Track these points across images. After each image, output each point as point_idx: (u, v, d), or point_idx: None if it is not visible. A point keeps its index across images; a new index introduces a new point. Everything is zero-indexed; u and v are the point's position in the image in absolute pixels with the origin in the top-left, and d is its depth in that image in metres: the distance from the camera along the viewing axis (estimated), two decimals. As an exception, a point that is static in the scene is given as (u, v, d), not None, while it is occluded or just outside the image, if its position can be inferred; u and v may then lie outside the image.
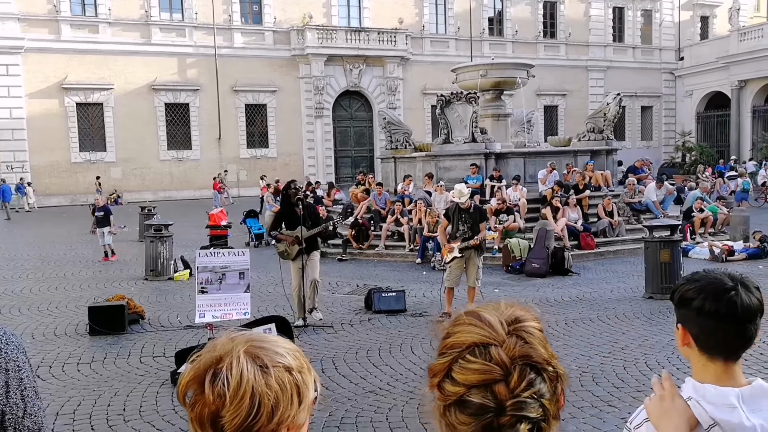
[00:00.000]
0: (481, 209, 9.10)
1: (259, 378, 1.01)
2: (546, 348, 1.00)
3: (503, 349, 0.96)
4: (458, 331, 1.02)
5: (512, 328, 0.99)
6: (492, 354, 0.96)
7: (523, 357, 0.96)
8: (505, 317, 1.01)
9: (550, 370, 0.98)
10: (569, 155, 17.36)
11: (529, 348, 0.97)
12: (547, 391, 0.96)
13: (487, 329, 0.99)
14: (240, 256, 7.72)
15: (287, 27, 33.11)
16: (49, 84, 29.20)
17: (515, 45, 37.70)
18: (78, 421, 5.38)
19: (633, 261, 12.58)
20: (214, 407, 1.01)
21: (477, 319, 1.02)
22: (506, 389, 0.94)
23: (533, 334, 1.00)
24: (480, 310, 1.04)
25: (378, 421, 5.24)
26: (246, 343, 1.05)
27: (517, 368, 0.95)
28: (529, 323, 1.01)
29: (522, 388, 0.94)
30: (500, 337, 0.98)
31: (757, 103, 35.05)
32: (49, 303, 10.00)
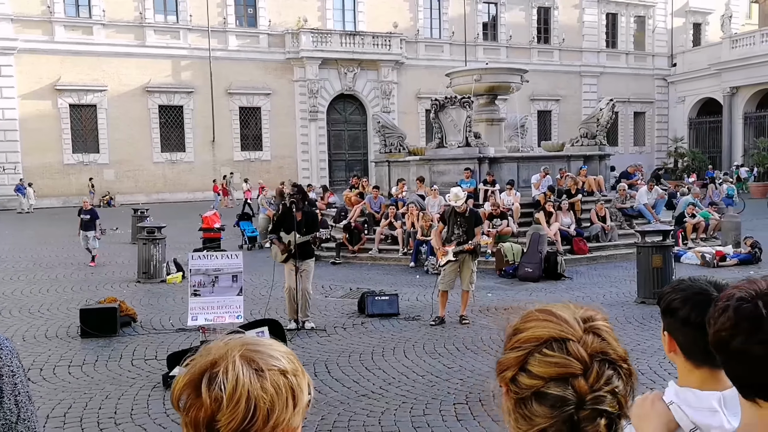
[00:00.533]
0: (476, 213, 9.11)
1: (255, 381, 1.01)
2: (619, 345, 1.03)
3: (581, 345, 0.99)
4: (532, 326, 1.03)
5: (588, 326, 1.02)
6: (571, 348, 0.98)
7: (601, 353, 0.99)
8: (579, 315, 1.04)
9: (624, 367, 1.01)
10: (562, 160, 17.43)
11: (606, 344, 1.00)
12: (622, 387, 0.99)
13: (564, 325, 1.02)
14: (233, 259, 7.70)
15: (282, 30, 33.12)
16: (42, 85, 29.09)
17: (509, 50, 37.85)
18: (69, 424, 5.35)
19: (625, 266, 12.62)
20: (210, 411, 1.01)
21: (551, 315, 1.04)
22: (586, 384, 0.97)
23: (607, 331, 1.03)
24: (552, 307, 1.07)
25: (370, 425, 5.23)
26: (241, 347, 1.05)
27: (595, 363, 0.98)
28: (600, 322, 1.04)
29: (602, 383, 0.97)
30: (577, 333, 1.00)
31: (748, 110, 35.31)
32: (41, 305, 9.94)
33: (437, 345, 7.49)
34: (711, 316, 1.20)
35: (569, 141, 18.82)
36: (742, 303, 1.15)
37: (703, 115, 39.08)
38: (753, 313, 1.12)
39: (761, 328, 1.10)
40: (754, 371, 1.13)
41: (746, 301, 1.15)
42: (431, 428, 5.15)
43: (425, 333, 8.10)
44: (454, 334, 7.95)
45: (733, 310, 1.15)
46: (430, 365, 6.75)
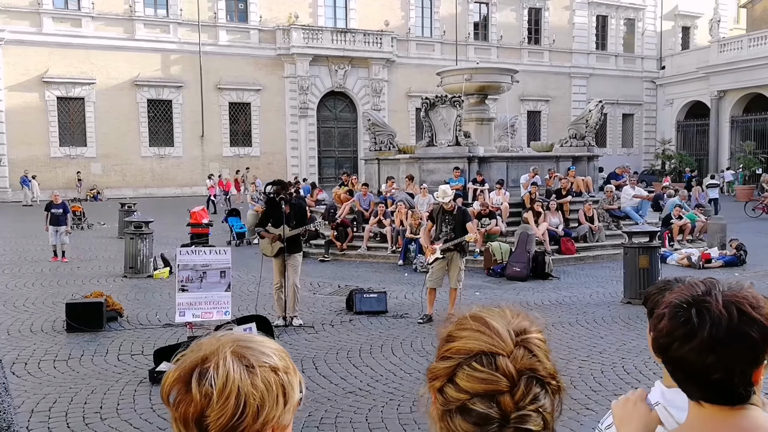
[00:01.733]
0: (464, 211, 9.11)
1: (245, 378, 1.01)
2: (549, 361, 1.00)
3: (511, 360, 0.96)
4: (464, 336, 1.00)
5: (520, 339, 0.98)
6: (499, 364, 0.95)
7: (530, 370, 0.96)
8: (513, 327, 1.00)
9: (553, 384, 0.98)
10: (551, 161, 17.52)
11: (536, 361, 0.97)
12: (549, 404, 0.97)
13: (495, 338, 0.98)
14: (221, 254, 7.68)
15: (273, 26, 33.00)
16: (29, 77, 28.80)
17: (500, 50, 37.96)
18: (53, 419, 5.31)
19: (612, 266, 12.72)
20: (199, 407, 1.00)
21: (484, 326, 1.00)
22: (512, 401, 0.94)
23: (539, 346, 1.00)
24: (486, 316, 1.03)
25: (357, 422, 5.24)
26: (232, 343, 1.05)
27: (523, 381, 0.95)
28: (534, 335, 1.01)
29: (528, 402, 0.94)
30: (508, 347, 0.97)
31: (735, 114, 35.66)
32: (26, 299, 9.86)
33: (425, 343, 7.51)
34: (652, 321, 1.23)
35: (558, 142, 18.92)
36: (678, 310, 1.17)
37: (691, 118, 39.42)
38: (686, 321, 1.15)
39: (694, 336, 1.13)
40: (690, 376, 1.16)
41: (681, 308, 1.17)
42: (418, 425, 5.17)
43: (413, 331, 8.12)
44: (442, 333, 7.96)
45: (669, 317, 1.18)
46: (417, 363, 6.77)
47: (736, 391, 1.15)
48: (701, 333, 1.13)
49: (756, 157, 32.24)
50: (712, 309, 1.14)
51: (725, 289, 1.18)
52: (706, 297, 1.16)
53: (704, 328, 1.13)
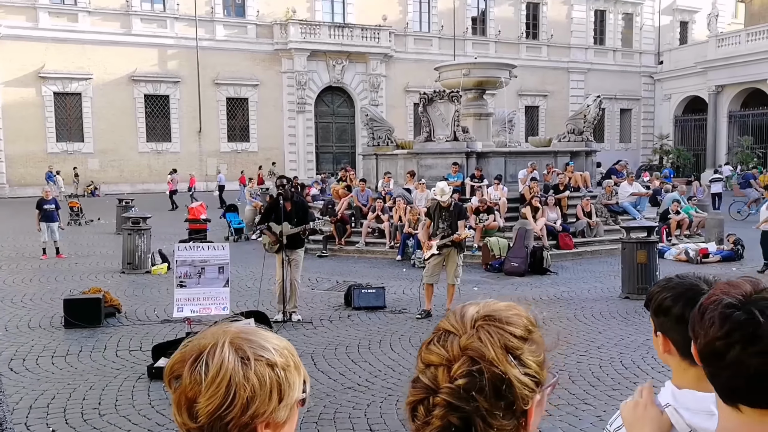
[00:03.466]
0: (460, 207, 9.11)
1: (238, 369, 1.01)
2: (501, 350, 1.00)
3: (459, 340, 1.02)
4: (447, 317, 1.10)
5: (479, 324, 1.03)
6: (449, 342, 1.03)
7: (472, 351, 1.00)
8: (483, 312, 1.05)
9: (493, 371, 0.99)
10: (549, 156, 17.52)
11: (479, 344, 1.01)
12: (486, 389, 0.98)
13: (458, 320, 1.06)
14: (220, 250, 7.66)
15: (270, 21, 32.90)
16: (25, 72, 28.68)
17: (498, 45, 37.90)
18: (52, 415, 5.31)
19: (610, 261, 12.74)
20: (191, 393, 1.01)
21: (461, 309, 1.08)
22: (446, 375, 1.00)
23: (495, 334, 1.02)
24: (473, 303, 1.09)
25: (356, 417, 5.25)
26: (233, 334, 1.05)
27: (463, 359, 1.00)
28: (500, 324, 1.03)
29: (458, 377, 0.99)
30: (464, 329, 1.04)
31: (733, 109, 35.66)
32: (24, 295, 9.84)
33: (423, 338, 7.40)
34: (698, 325, 1.13)
35: (556, 137, 18.91)
36: (734, 311, 1.09)
37: (689, 113, 39.42)
38: (748, 322, 1.06)
39: (759, 338, 1.05)
40: (749, 382, 1.08)
41: (736, 308, 1.09)
42: (416, 421, 5.17)
43: (411, 326, 8.13)
44: (440, 328, 7.97)
45: (725, 318, 1.08)
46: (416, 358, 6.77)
47: None
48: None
49: (753, 152, 32.27)
50: None
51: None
52: (763, 294, 1.10)
53: None
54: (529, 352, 1.03)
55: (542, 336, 1.08)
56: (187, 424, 1.02)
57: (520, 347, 1.02)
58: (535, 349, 1.05)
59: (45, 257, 13.27)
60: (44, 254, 13.35)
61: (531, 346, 1.04)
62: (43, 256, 13.30)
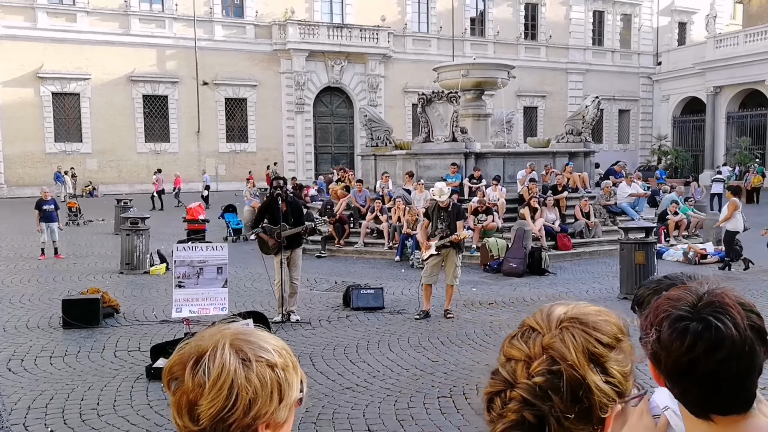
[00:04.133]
0: (459, 207, 9.09)
1: (240, 371, 1.01)
2: (585, 355, 1.01)
3: (542, 339, 1.03)
4: (534, 314, 1.10)
5: (564, 324, 1.04)
6: (532, 339, 1.03)
7: (554, 351, 1.01)
8: (571, 313, 1.06)
9: (572, 374, 0.99)
10: (548, 156, 17.53)
11: (561, 346, 1.01)
12: (563, 390, 0.99)
13: (544, 319, 1.06)
14: (218, 250, 7.65)
15: (269, 21, 32.90)
16: (24, 72, 28.66)
17: (496, 45, 37.93)
18: (50, 416, 5.31)
19: (608, 262, 12.74)
20: (192, 395, 1.01)
21: (549, 308, 1.09)
22: (525, 371, 1.01)
23: (579, 337, 1.02)
24: (562, 303, 1.10)
25: (355, 418, 5.25)
26: (233, 336, 1.06)
27: (543, 357, 1.01)
28: (587, 328, 1.03)
29: (536, 374, 0.99)
30: (548, 328, 1.04)
31: (731, 109, 35.72)
32: (22, 295, 9.83)
33: (422, 338, 7.52)
34: (659, 348, 1.15)
35: (555, 137, 18.92)
36: (688, 323, 1.12)
37: (687, 114, 39.48)
38: (706, 330, 1.10)
39: (721, 343, 1.09)
40: (720, 391, 1.10)
41: (690, 319, 1.12)
42: (415, 421, 5.18)
43: (410, 326, 8.13)
44: (439, 328, 7.99)
45: (683, 333, 1.11)
46: (414, 359, 6.78)
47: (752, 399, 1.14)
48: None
49: (751, 153, 32.31)
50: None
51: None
52: (708, 298, 1.13)
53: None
54: (614, 361, 1.02)
55: (632, 346, 1.07)
56: (188, 426, 1.02)
57: (604, 354, 1.02)
58: (622, 359, 1.04)
59: (43, 257, 13.25)
60: (42, 254, 13.34)
61: (618, 355, 1.03)
62: (41, 257, 13.29)
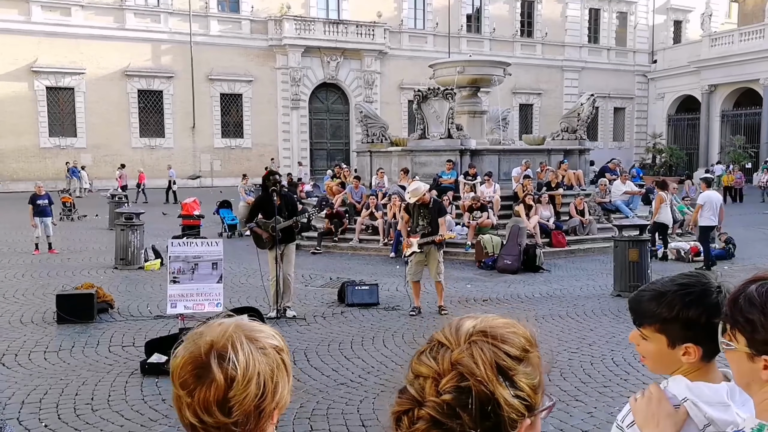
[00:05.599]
0: (439, 204, 9.09)
1: (262, 360, 1.06)
2: (494, 370, 0.98)
3: (450, 354, 1.00)
4: (443, 329, 1.07)
5: (473, 338, 1.01)
6: (440, 355, 1.01)
7: (462, 366, 0.98)
8: (480, 327, 1.02)
9: (481, 390, 0.96)
10: (543, 154, 17.57)
11: (470, 361, 0.98)
12: (472, 407, 0.96)
13: (453, 333, 1.03)
14: (213, 246, 7.65)
15: (265, 16, 32.81)
16: (18, 66, 28.51)
17: (492, 43, 37.93)
18: (44, 410, 5.30)
19: (602, 259, 12.80)
20: (222, 391, 1.03)
21: (457, 322, 1.06)
22: (434, 389, 0.98)
23: (488, 351, 0.99)
24: (471, 316, 1.07)
25: (349, 413, 5.27)
26: (241, 327, 1.10)
27: (452, 374, 0.98)
28: (495, 341, 1.00)
29: (445, 392, 0.97)
30: (457, 343, 1.01)
31: (726, 108, 35.84)
32: (16, 290, 9.81)
33: (416, 335, 7.54)
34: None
35: (550, 135, 18.96)
36: None
37: (682, 112, 39.60)
38: None
39: None
40: None
41: None
42: (409, 417, 5.19)
43: (404, 323, 8.15)
44: (433, 324, 8.01)
45: None
46: (409, 354, 6.77)
47: None
48: None
49: (745, 152, 32.44)
50: None
51: None
52: None
53: None
54: (523, 374, 0.99)
55: (540, 357, 1.04)
56: (220, 421, 1.04)
57: (513, 368, 0.99)
58: (531, 372, 1.01)
59: (37, 252, 13.21)
60: (36, 249, 13.30)
61: (526, 367, 1.00)
62: (35, 252, 13.25)
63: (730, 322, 1.24)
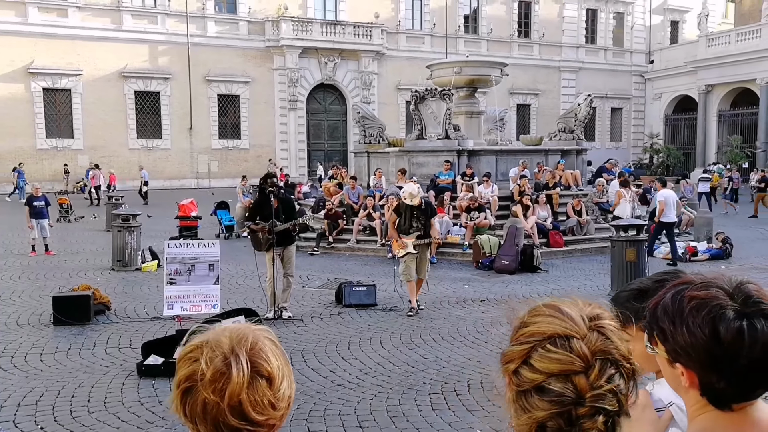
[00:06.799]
0: (431, 205, 9.38)
1: (282, 356, 1.13)
2: (624, 345, 1.03)
3: (585, 343, 1.00)
4: (538, 321, 1.05)
5: (593, 324, 1.03)
6: (574, 346, 1.00)
7: (604, 352, 1.00)
8: (586, 313, 1.05)
9: (627, 367, 1.01)
10: (540, 154, 17.58)
11: (609, 344, 1.01)
12: (624, 386, 1.00)
13: (569, 322, 1.03)
14: (210, 247, 7.64)
15: (262, 18, 32.78)
16: (14, 68, 28.45)
17: (490, 43, 37.95)
18: (40, 412, 5.28)
19: (600, 259, 12.81)
20: (265, 388, 1.07)
21: (558, 311, 1.05)
22: (586, 381, 0.98)
23: (613, 330, 1.03)
24: (559, 303, 1.07)
25: (346, 414, 5.26)
26: (253, 329, 1.13)
27: (598, 362, 0.99)
28: (607, 321, 1.05)
29: (602, 382, 0.98)
30: (582, 331, 1.02)
31: (722, 108, 35.90)
32: (12, 292, 9.78)
33: (414, 335, 7.54)
34: (702, 332, 1.11)
35: (547, 135, 18.96)
36: (731, 315, 1.10)
37: (679, 112, 39.65)
38: (761, 326, 1.09)
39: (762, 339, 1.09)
40: (756, 381, 1.11)
41: (733, 311, 1.11)
42: (407, 418, 5.19)
43: (402, 323, 8.14)
44: (431, 325, 8.01)
45: (735, 326, 1.09)
46: (406, 355, 6.80)
47: None
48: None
49: (742, 152, 32.50)
50: None
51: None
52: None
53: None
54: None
55: None
56: (270, 416, 1.07)
57: (623, 338, 1.05)
58: None
59: (34, 254, 13.18)
60: (33, 251, 13.27)
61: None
62: (32, 253, 13.22)
63: (648, 328, 1.24)
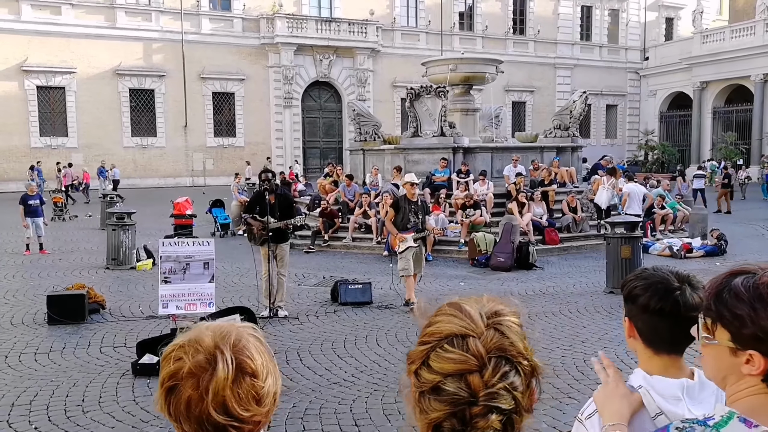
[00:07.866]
0: (424, 201, 9.69)
1: (270, 357, 1.13)
2: (523, 342, 1.01)
3: (480, 341, 0.98)
4: (439, 320, 1.04)
5: (491, 321, 1.01)
6: (469, 345, 0.98)
7: (499, 350, 0.98)
8: (486, 310, 1.03)
9: (524, 364, 0.99)
10: (536, 151, 17.60)
11: (505, 341, 0.99)
12: (520, 384, 0.98)
13: (466, 320, 1.01)
14: (205, 246, 7.61)
15: (257, 15, 32.70)
16: (8, 66, 28.31)
17: (485, 40, 37.95)
18: (34, 412, 5.26)
19: (595, 256, 12.83)
20: (251, 383, 1.06)
21: (458, 310, 1.04)
22: (480, 380, 0.97)
23: (511, 327, 1.02)
24: (462, 301, 1.06)
25: (342, 413, 5.25)
26: (237, 327, 1.12)
27: (492, 360, 0.97)
28: (507, 317, 1.03)
29: (496, 380, 0.97)
30: (479, 329, 1.00)
31: (717, 105, 36.00)
32: (6, 291, 9.73)
33: (410, 333, 7.53)
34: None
35: (543, 132, 18.99)
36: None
37: (674, 109, 39.75)
38: None
39: None
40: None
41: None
42: (402, 415, 5.18)
43: (398, 321, 8.14)
44: (427, 323, 8.00)
45: None
46: (402, 353, 6.79)
47: None
48: None
49: (737, 148, 32.60)
50: None
51: None
52: None
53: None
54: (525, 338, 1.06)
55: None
56: (256, 413, 1.06)
57: (524, 334, 1.05)
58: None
59: (28, 253, 13.13)
60: (27, 250, 13.22)
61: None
62: (26, 252, 13.16)
63: (714, 316, 1.21)
